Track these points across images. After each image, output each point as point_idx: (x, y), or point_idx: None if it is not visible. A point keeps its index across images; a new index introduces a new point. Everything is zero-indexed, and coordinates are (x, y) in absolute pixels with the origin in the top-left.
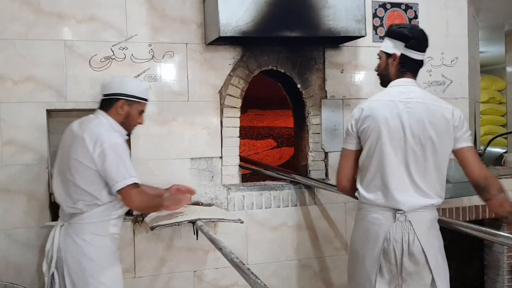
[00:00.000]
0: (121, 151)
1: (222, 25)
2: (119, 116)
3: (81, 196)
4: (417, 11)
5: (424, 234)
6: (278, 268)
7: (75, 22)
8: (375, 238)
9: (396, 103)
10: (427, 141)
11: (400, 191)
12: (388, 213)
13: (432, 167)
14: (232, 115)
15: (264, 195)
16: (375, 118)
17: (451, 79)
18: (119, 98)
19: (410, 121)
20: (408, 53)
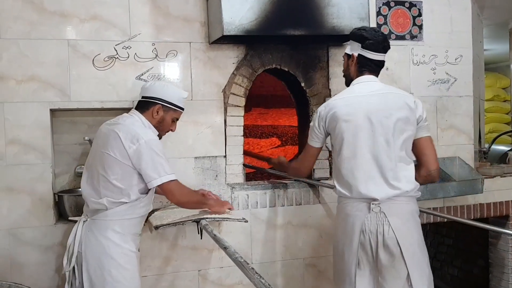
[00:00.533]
0: (157, 148)
1: (225, 23)
2: (153, 120)
3: (109, 192)
4: (421, 9)
5: (400, 226)
6: (282, 267)
7: (78, 21)
8: (351, 231)
9: (358, 98)
10: (394, 130)
11: (371, 182)
12: (363, 205)
13: (401, 154)
14: (236, 114)
15: (268, 194)
16: (339, 115)
17: (456, 77)
18: (157, 102)
19: (373, 113)
20: (365, 54)
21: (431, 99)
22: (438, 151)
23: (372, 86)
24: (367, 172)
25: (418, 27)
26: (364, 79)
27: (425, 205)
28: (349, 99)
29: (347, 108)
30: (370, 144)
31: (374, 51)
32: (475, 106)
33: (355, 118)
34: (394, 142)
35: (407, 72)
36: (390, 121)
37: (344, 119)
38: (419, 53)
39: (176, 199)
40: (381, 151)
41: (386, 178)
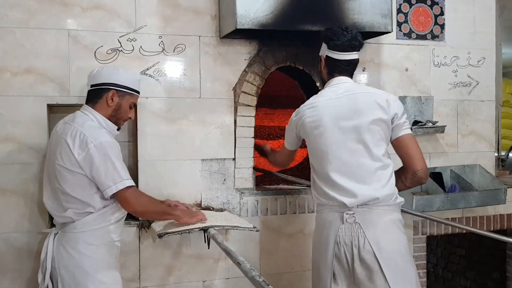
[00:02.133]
0: (110, 151)
1: (239, 16)
2: (108, 109)
3: (72, 204)
4: (443, 8)
5: (378, 237)
6: (293, 278)
7: (80, 10)
8: (325, 243)
9: (326, 102)
10: (364, 132)
11: (342, 189)
12: (336, 214)
13: (374, 158)
14: (247, 114)
15: (279, 200)
16: (307, 123)
17: (478, 81)
18: (110, 88)
19: (341, 117)
20: (331, 55)
21: (451, 103)
22: (458, 158)
23: (342, 87)
24: (338, 179)
25: (440, 27)
26: (334, 82)
27: (444, 215)
28: (317, 104)
29: (314, 114)
30: (339, 150)
31: (340, 51)
32: (496, 112)
33: (322, 124)
34: (366, 145)
35: (427, 73)
36: (359, 123)
37: (312, 126)
38: (440, 54)
39: (133, 209)
40: (352, 156)
41: (358, 185)
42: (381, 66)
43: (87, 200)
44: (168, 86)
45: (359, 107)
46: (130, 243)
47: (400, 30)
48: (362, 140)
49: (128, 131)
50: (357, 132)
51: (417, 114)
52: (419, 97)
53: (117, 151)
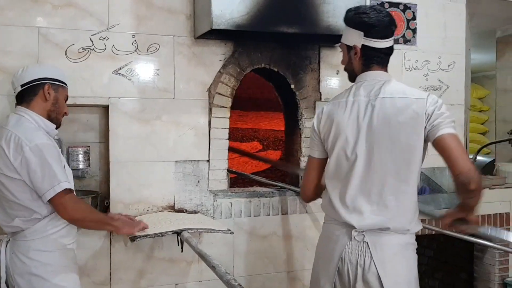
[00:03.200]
0: (46, 153)
1: (215, 16)
2: (46, 104)
3: (18, 212)
4: (415, 12)
5: (385, 260)
6: (266, 280)
7: (51, 7)
8: (330, 256)
9: (359, 102)
10: (392, 147)
11: (352, 206)
12: (344, 230)
13: (396, 178)
14: (222, 116)
15: (253, 202)
16: (333, 121)
17: (448, 85)
18: (44, 82)
19: (370, 123)
20: (370, 43)
21: None
22: (428, 160)
23: (376, 86)
24: (351, 195)
25: (412, 31)
26: (368, 76)
27: None
28: (346, 103)
29: (341, 114)
30: (360, 163)
31: (381, 38)
32: (465, 115)
33: (347, 128)
34: (391, 162)
35: (399, 77)
36: (389, 135)
37: (335, 129)
38: (412, 58)
39: (69, 216)
40: (373, 173)
41: (372, 206)
42: None
43: (31, 206)
44: (141, 86)
45: (394, 116)
46: (101, 246)
47: None
48: (392, 157)
49: (100, 132)
50: (385, 146)
51: None
52: None
53: (55, 153)
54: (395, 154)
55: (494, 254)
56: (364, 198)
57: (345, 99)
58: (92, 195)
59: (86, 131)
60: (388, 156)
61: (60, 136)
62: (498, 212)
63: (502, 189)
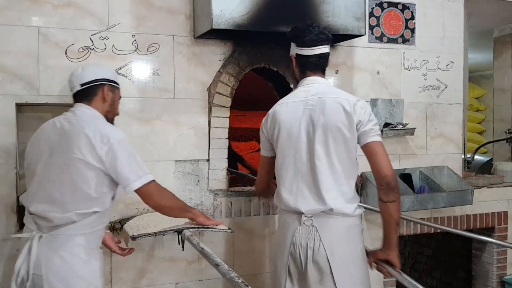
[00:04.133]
0: (129, 147)
1: (215, 16)
2: (105, 105)
3: (79, 204)
4: (414, 12)
5: (332, 241)
6: (266, 279)
7: (51, 7)
8: (283, 242)
9: (298, 104)
10: (328, 139)
11: (300, 194)
12: (295, 216)
13: (337, 167)
14: (221, 115)
15: (253, 201)
16: (278, 122)
17: (446, 84)
18: (103, 83)
19: (308, 120)
20: (301, 51)
21: (421, 106)
22: (426, 159)
23: (314, 88)
24: (297, 184)
25: (410, 31)
26: (306, 81)
27: (413, 215)
28: (289, 105)
29: (285, 115)
30: (304, 156)
31: (309, 47)
32: (463, 115)
33: (290, 126)
34: (328, 152)
35: (398, 77)
36: (324, 128)
37: (282, 126)
38: (410, 58)
39: (155, 202)
40: (314, 163)
41: (316, 193)
42: (353, 69)
43: (99, 198)
44: (141, 86)
45: (327, 113)
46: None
47: (372, 34)
48: (325, 147)
49: None
50: (320, 138)
51: (388, 117)
52: (390, 99)
53: (133, 147)
54: (335, 145)
55: (492, 252)
56: (307, 186)
57: (288, 101)
58: None
59: None
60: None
61: None
62: (496, 211)
63: (500, 188)
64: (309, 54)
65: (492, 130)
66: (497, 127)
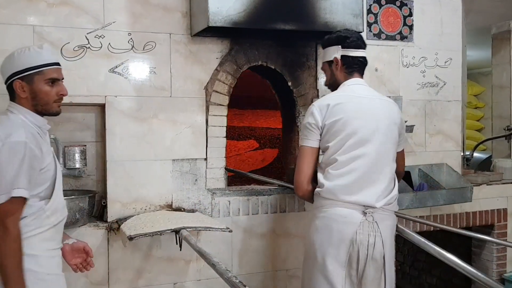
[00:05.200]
0: (19, 152)
1: (211, 13)
2: (27, 101)
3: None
4: (412, 9)
5: (388, 237)
6: (265, 279)
7: (45, 5)
8: (339, 240)
9: (361, 99)
10: (392, 137)
11: (370, 188)
12: (356, 212)
13: (392, 160)
14: (219, 114)
15: (251, 200)
16: (346, 110)
17: (445, 81)
18: (14, 79)
19: (379, 117)
20: (348, 53)
21: (420, 103)
22: (425, 157)
23: (361, 88)
24: (368, 177)
25: (408, 28)
26: (355, 82)
27: (413, 213)
28: (351, 98)
29: (352, 105)
30: (374, 148)
31: (356, 48)
32: (462, 112)
33: (361, 117)
34: (390, 149)
35: (396, 74)
36: (390, 128)
37: (349, 116)
38: (409, 55)
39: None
40: (381, 157)
41: (384, 185)
42: None
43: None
44: (137, 85)
45: (389, 114)
46: (98, 246)
47: (370, 31)
48: (390, 144)
49: (96, 131)
50: (387, 136)
51: None
52: (388, 97)
53: (30, 154)
54: (390, 144)
55: (492, 250)
56: (371, 180)
57: (348, 94)
58: (89, 194)
59: (83, 130)
60: (387, 145)
61: (56, 135)
62: (495, 208)
63: (499, 185)
64: (357, 56)
65: (491, 127)
66: (496, 124)
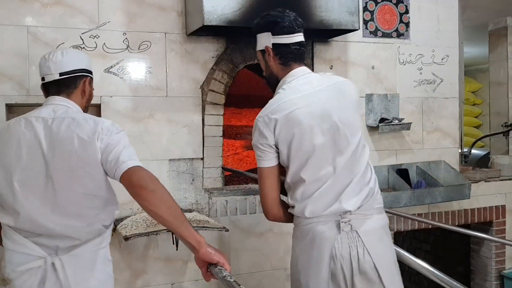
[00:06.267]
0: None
1: (206, 12)
2: (83, 99)
3: (99, 214)
4: (408, 6)
5: (375, 245)
6: (262, 278)
7: (40, 6)
8: (318, 258)
9: (306, 98)
10: (354, 126)
11: (339, 190)
12: (331, 223)
13: (363, 155)
14: (215, 113)
15: (248, 199)
16: (296, 122)
17: (442, 78)
18: (85, 74)
19: (332, 111)
20: (279, 40)
21: (417, 100)
22: (423, 154)
23: (313, 78)
24: (337, 182)
25: (405, 25)
26: (298, 73)
27: (411, 211)
28: (299, 101)
29: (304, 111)
30: (334, 148)
31: (289, 34)
32: (459, 109)
33: (316, 126)
34: (354, 139)
35: (393, 71)
36: (346, 118)
37: (306, 128)
38: (405, 52)
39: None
40: (346, 153)
41: (356, 185)
42: (348, 64)
43: (112, 198)
44: (133, 85)
45: (344, 100)
46: None
47: (366, 28)
48: (351, 135)
49: None
50: (347, 127)
51: (384, 112)
52: (385, 94)
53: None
54: (353, 135)
55: (490, 247)
56: (348, 180)
57: (297, 95)
58: None
59: None
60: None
61: None
62: (494, 205)
63: (497, 181)
64: (290, 42)
65: (488, 123)
66: (493, 120)
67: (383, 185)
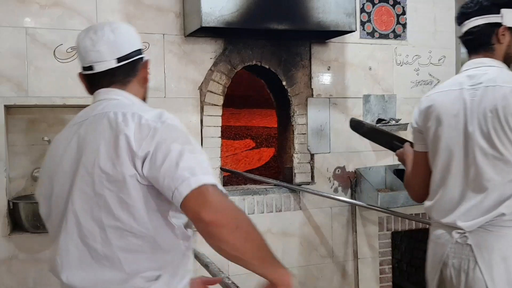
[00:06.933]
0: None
1: (204, 14)
2: (141, 89)
3: (140, 263)
4: (405, 7)
5: (492, 265)
6: (261, 279)
7: (38, 7)
8: (434, 262)
9: (463, 92)
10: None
11: (458, 204)
12: (446, 232)
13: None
14: (213, 114)
15: (247, 200)
16: (437, 111)
17: (438, 79)
18: (142, 57)
19: (478, 111)
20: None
21: (414, 101)
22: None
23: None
24: (457, 191)
25: (402, 26)
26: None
27: (408, 211)
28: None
29: (445, 103)
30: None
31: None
32: None
33: (451, 119)
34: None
35: (390, 72)
36: (486, 123)
37: (439, 119)
38: (402, 53)
39: (218, 218)
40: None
41: (478, 201)
42: (345, 65)
43: (168, 239)
44: None
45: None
46: None
47: (363, 30)
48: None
49: None
50: (471, 139)
51: (381, 112)
52: (382, 95)
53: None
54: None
55: None
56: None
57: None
58: None
59: None
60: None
61: (50, 138)
62: None
63: None
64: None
65: None
66: None
67: (380, 186)
